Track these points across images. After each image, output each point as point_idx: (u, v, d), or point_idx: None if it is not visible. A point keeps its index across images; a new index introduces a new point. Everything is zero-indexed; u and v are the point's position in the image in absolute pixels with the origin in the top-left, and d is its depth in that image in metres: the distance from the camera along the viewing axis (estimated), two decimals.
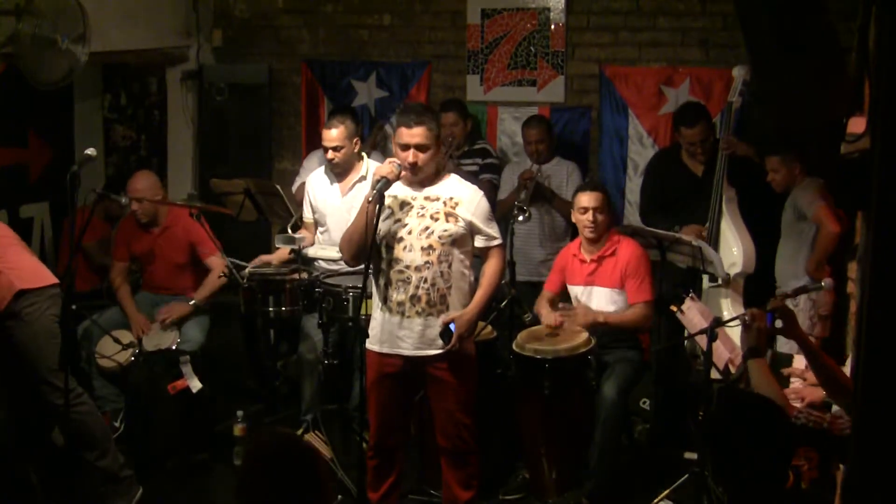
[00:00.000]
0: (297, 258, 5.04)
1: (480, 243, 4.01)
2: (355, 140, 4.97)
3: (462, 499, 4.09)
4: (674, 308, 4.42)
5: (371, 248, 3.88)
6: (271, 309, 4.88)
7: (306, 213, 5.16)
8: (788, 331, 3.60)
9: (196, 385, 4.98)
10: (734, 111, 5.17)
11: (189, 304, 5.31)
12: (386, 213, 3.92)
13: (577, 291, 4.87)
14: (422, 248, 3.90)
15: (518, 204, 5.35)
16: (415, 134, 3.88)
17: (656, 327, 4.97)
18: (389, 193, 3.91)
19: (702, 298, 4.88)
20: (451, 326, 3.89)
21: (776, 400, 3.10)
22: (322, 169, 5.16)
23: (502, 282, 4.38)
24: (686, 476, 4.51)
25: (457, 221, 3.92)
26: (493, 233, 4.03)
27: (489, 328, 4.73)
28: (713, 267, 4.78)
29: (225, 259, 5.06)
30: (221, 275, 5.06)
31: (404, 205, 3.97)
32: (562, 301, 4.96)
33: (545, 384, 4.49)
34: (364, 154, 5.09)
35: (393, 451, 4.12)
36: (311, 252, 5.11)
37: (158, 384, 4.97)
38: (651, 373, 4.98)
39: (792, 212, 4.92)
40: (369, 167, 4.93)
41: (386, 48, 6.79)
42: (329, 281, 4.78)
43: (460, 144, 6.04)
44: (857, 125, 2.63)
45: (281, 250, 5.10)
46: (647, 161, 5.94)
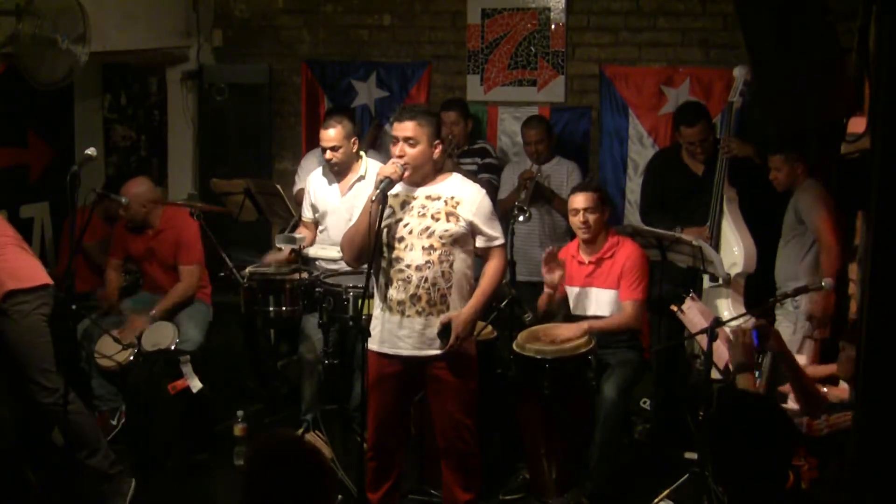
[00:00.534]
0: (298, 258, 5.05)
1: (481, 243, 4.01)
2: (353, 139, 4.97)
3: (462, 499, 4.08)
4: (674, 308, 4.42)
5: (374, 249, 3.88)
6: (271, 309, 4.87)
7: (306, 213, 5.16)
8: (773, 347, 3.69)
9: (196, 385, 4.97)
10: (735, 111, 5.17)
11: (148, 318, 5.22)
12: (387, 213, 3.92)
13: (575, 292, 4.86)
14: (423, 248, 3.89)
15: (518, 204, 5.35)
16: (404, 128, 3.90)
17: (656, 327, 4.97)
18: (391, 192, 3.90)
19: (702, 298, 4.88)
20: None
21: None
22: (321, 169, 5.16)
23: (502, 282, 4.37)
24: (686, 476, 4.51)
25: (458, 221, 3.92)
26: (494, 233, 4.02)
27: (489, 328, 4.72)
28: (713, 267, 4.78)
29: (199, 268, 5.31)
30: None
31: (405, 204, 3.97)
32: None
33: (545, 384, 4.49)
34: (363, 153, 5.09)
35: (392, 452, 4.11)
36: (312, 252, 5.11)
37: (158, 384, 4.97)
38: (651, 373, 4.98)
39: (794, 214, 4.92)
40: (368, 166, 4.93)
41: (386, 48, 6.79)
42: (329, 281, 4.78)
43: (460, 143, 6.04)
44: (857, 125, 2.64)
45: (281, 252, 5.07)
46: (648, 161, 5.94)
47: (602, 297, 4.80)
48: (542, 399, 4.53)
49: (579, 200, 4.78)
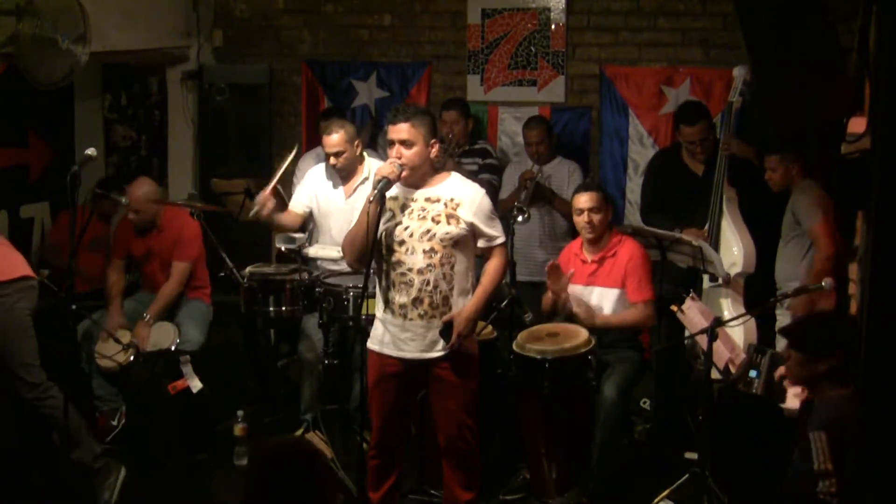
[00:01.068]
0: (298, 258, 5.05)
1: (482, 244, 4.00)
2: (356, 142, 4.97)
3: (463, 499, 4.08)
4: (674, 308, 4.42)
5: (373, 248, 3.87)
6: (271, 309, 4.88)
7: (295, 203, 5.11)
8: None
9: (196, 385, 4.98)
10: (734, 111, 5.16)
11: (147, 322, 5.24)
12: (387, 216, 3.91)
13: (578, 291, 4.86)
14: (423, 251, 3.88)
15: (518, 204, 5.35)
16: (399, 130, 3.88)
17: (656, 327, 4.97)
18: (390, 195, 3.89)
19: (702, 298, 4.88)
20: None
21: None
22: (322, 166, 5.15)
23: (503, 282, 4.37)
24: (686, 476, 4.50)
25: (458, 223, 3.91)
26: (495, 232, 4.01)
27: (489, 328, 4.72)
28: (713, 267, 4.78)
29: (192, 266, 5.31)
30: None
31: (405, 206, 3.95)
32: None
33: (545, 384, 4.48)
34: (365, 154, 5.09)
35: (394, 451, 4.11)
36: (312, 252, 5.11)
37: (158, 384, 4.97)
38: (651, 373, 4.98)
39: (792, 215, 4.92)
40: (371, 168, 4.93)
41: (386, 48, 6.79)
42: (329, 281, 4.78)
43: (461, 143, 6.04)
44: (857, 125, 2.64)
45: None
46: (648, 161, 5.95)
47: (605, 296, 4.81)
48: (543, 399, 4.53)
49: (584, 200, 4.78)
